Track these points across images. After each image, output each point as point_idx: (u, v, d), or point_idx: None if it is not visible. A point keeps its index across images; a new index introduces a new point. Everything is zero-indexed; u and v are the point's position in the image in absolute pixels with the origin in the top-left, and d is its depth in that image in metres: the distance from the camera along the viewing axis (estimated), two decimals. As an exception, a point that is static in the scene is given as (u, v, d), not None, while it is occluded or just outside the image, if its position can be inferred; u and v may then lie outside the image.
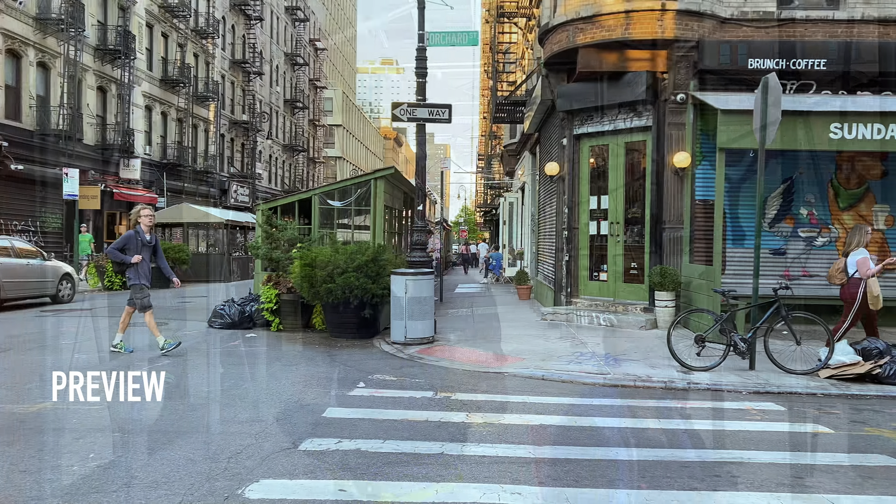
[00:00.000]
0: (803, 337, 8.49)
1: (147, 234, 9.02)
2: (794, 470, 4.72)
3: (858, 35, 11.35)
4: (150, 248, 9.11)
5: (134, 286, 8.94)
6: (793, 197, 11.63)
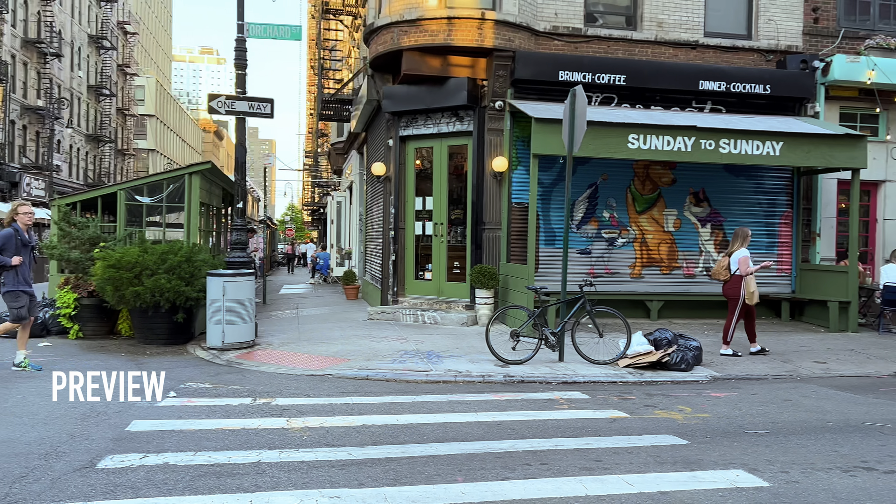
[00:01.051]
0: (606, 329, 9.23)
1: (26, 232, 7.93)
2: (596, 454, 5.09)
3: (653, 55, 12.56)
4: (30, 248, 7.99)
5: (7, 294, 7.80)
6: (597, 201, 12.62)
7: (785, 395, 7.36)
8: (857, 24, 13.18)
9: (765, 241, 13.09)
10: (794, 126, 11.70)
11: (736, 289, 9.53)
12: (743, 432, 5.79)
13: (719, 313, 12.79)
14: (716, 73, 12.38)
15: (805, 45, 12.99)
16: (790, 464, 4.90)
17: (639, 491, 4.29)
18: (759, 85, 12.44)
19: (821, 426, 6.06)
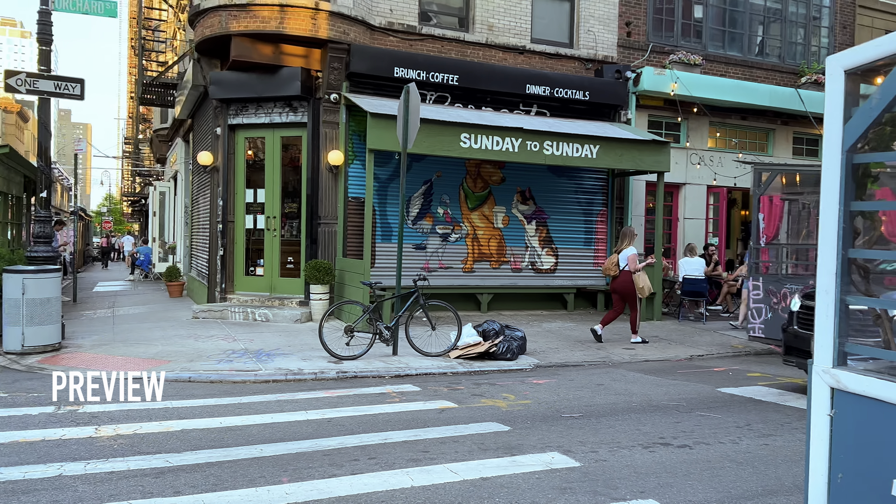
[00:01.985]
0: (439, 322, 9.46)
1: None
2: (424, 445, 5.20)
3: (485, 57, 13.02)
4: None
5: None
6: (432, 197, 12.87)
7: (598, 380, 7.95)
8: (664, 40, 14.51)
9: (583, 237, 14.06)
10: (610, 131, 12.66)
11: (628, 283, 10.33)
12: (560, 416, 6.18)
13: (543, 305, 13.58)
14: (541, 78, 13.08)
15: (619, 57, 14.09)
16: (600, 444, 5.30)
17: (462, 478, 4.43)
18: (579, 91, 13.31)
19: (627, 407, 6.62)
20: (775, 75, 15.38)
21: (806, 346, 7.21)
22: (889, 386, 3.06)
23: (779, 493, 4.32)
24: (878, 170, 3.57)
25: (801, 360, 7.44)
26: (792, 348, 7.74)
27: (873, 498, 2.99)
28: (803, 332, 7.44)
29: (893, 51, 3.18)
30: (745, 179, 14.04)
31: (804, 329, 7.45)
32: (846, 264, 3.39)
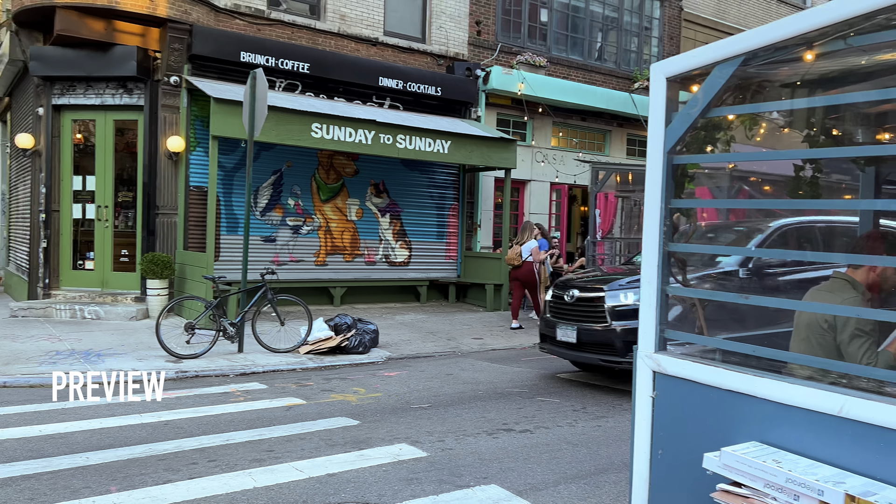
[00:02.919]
0: (289, 317, 9.22)
1: None
2: (268, 444, 5.04)
3: (337, 47, 12.81)
4: None
5: None
6: (282, 188, 12.50)
7: (448, 370, 8.11)
8: (512, 41, 15.03)
9: (436, 230, 14.28)
10: (461, 127, 12.94)
11: (530, 273, 11.05)
12: (409, 408, 6.23)
13: (397, 297, 13.65)
14: (394, 71, 13.09)
15: (470, 55, 14.42)
16: (447, 433, 5.41)
17: (308, 476, 4.35)
18: (431, 87, 13.47)
19: (474, 396, 6.81)
20: (612, 80, 16.43)
21: (552, 332, 7.57)
22: (701, 368, 3.36)
23: (609, 470, 4.63)
24: (695, 170, 3.91)
25: (550, 346, 7.70)
26: (545, 336, 7.89)
27: (687, 471, 3.27)
28: (552, 320, 7.67)
29: (707, 61, 3.48)
30: (584, 177, 14.90)
31: (554, 317, 7.67)
32: (667, 257, 3.68)
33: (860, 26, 2.87)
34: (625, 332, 6.87)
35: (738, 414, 3.18)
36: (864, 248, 3.69)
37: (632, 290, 7.04)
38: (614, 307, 7.07)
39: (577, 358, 7.54)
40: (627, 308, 6.97)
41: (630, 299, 7.00)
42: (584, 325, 7.24)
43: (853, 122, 4.88)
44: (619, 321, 7.01)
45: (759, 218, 7.42)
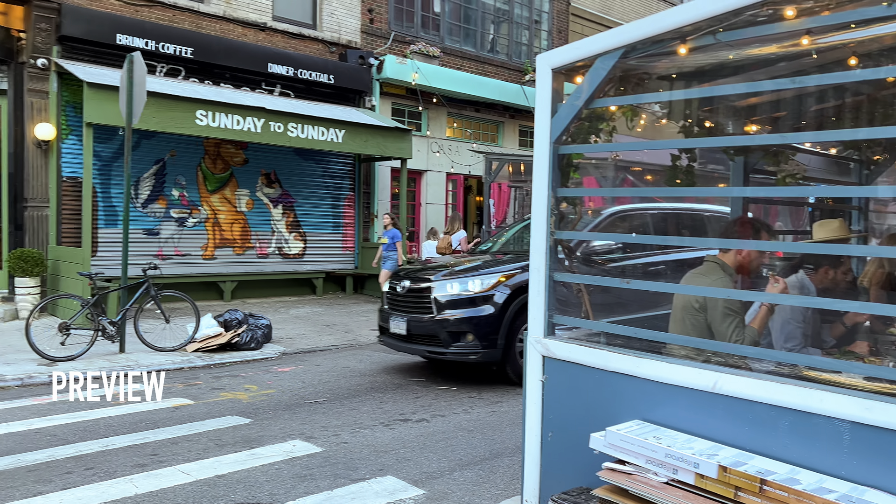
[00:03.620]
0: (176, 314, 8.80)
1: None
2: (152, 448, 4.78)
3: (222, 31, 12.29)
4: None
5: None
6: (165, 178, 11.89)
7: (345, 363, 8.00)
8: (405, 30, 14.97)
9: (331, 221, 14.05)
10: (355, 116, 12.76)
11: None
12: (304, 403, 6.10)
13: (292, 291, 13.34)
14: (284, 57, 12.73)
15: (363, 43, 14.24)
16: (342, 426, 5.33)
17: (195, 479, 4.16)
18: (324, 74, 13.20)
19: (372, 388, 6.75)
20: (504, 72, 16.71)
21: (387, 324, 7.44)
22: (587, 351, 3.47)
23: (503, 455, 4.71)
24: (580, 160, 4.01)
25: (386, 339, 7.54)
26: (382, 328, 7.68)
27: (575, 451, 3.37)
28: (387, 312, 7.53)
29: (590, 53, 3.57)
30: (479, 167, 15.10)
31: (389, 308, 7.52)
32: (554, 244, 3.77)
33: (728, 22, 3.03)
34: (450, 323, 6.73)
35: (623, 394, 3.31)
36: (731, 233, 3.92)
37: (458, 280, 6.93)
38: (441, 298, 6.89)
39: (407, 350, 7.29)
40: (454, 298, 6.83)
41: (456, 289, 6.86)
42: (414, 317, 7.04)
43: (725, 114, 5.18)
44: (445, 312, 6.82)
45: (604, 205, 7.77)
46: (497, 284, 6.84)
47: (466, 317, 6.72)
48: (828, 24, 2.84)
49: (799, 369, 3.11)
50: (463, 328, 6.70)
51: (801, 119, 5.19)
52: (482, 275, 6.99)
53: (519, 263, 7.03)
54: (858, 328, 4.43)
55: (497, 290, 6.79)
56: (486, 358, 6.68)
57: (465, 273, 7.10)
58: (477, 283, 6.88)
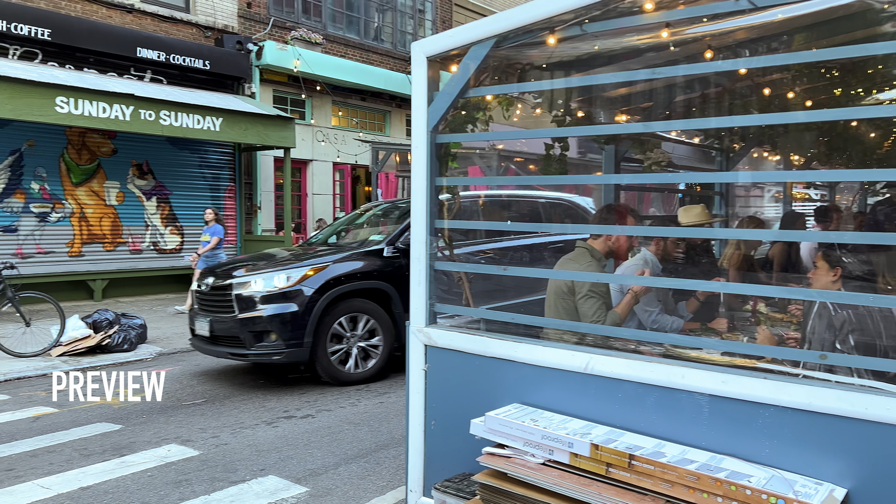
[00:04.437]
0: (38, 316, 8.16)
1: None
2: (8, 462, 4.39)
3: (85, 12, 11.44)
4: None
5: None
6: (23, 171, 10.95)
7: (226, 362, 7.68)
8: (285, 16, 14.52)
9: (211, 214, 13.45)
10: (233, 104, 12.26)
11: None
12: (181, 405, 5.81)
13: (169, 288, 12.68)
14: (155, 42, 12.03)
15: (241, 28, 13.69)
16: (222, 427, 5.12)
17: (56, 493, 3.86)
18: (199, 60, 12.59)
19: (254, 386, 6.53)
20: (390, 60, 16.61)
21: (193, 325, 6.99)
22: (467, 338, 3.49)
23: (389, 446, 4.69)
24: (458, 149, 4.02)
25: (194, 341, 7.04)
26: (192, 330, 7.12)
27: (457, 438, 3.39)
28: (194, 312, 7.05)
29: (464, 42, 3.57)
30: (366, 157, 14.95)
31: (199, 309, 6.97)
32: (434, 233, 3.76)
33: (593, 13, 3.11)
34: (252, 322, 6.24)
35: (503, 379, 3.36)
36: (601, 219, 4.06)
37: (261, 276, 6.43)
38: (243, 294, 6.36)
39: (212, 353, 6.73)
40: (257, 295, 6.31)
41: (260, 285, 6.35)
42: (217, 316, 6.55)
43: (596, 104, 5.37)
44: (247, 310, 6.31)
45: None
46: (304, 279, 6.36)
47: (269, 315, 6.20)
48: (684, 18, 2.97)
49: (665, 347, 3.27)
50: (265, 327, 6.20)
51: (667, 109, 5.47)
52: (289, 269, 6.49)
53: (333, 256, 6.73)
54: (713, 302, 4.73)
55: (304, 285, 6.32)
56: (291, 358, 6.21)
57: (271, 267, 6.61)
58: (282, 277, 6.39)
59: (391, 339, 6.74)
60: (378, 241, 7.06)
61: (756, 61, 3.94)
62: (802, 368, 2.64)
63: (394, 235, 7.03)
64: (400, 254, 6.80)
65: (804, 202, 10.88)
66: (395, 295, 6.77)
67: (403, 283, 6.61)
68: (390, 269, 6.80)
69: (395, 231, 7.13)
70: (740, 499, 2.29)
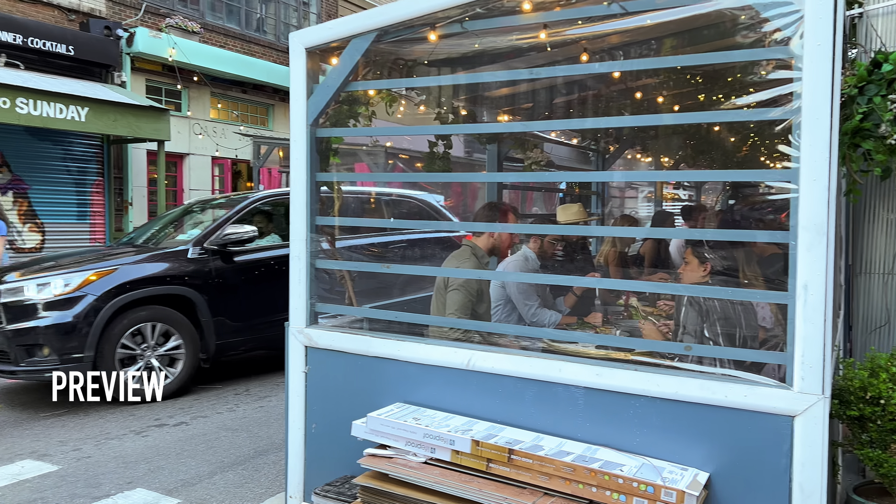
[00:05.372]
0: None
1: None
2: None
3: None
4: None
5: None
6: None
7: (92, 368, 7.18)
8: (159, 2, 13.72)
9: (76, 209, 12.52)
10: (101, 93, 11.45)
11: None
12: (37, 417, 5.35)
13: None
14: (10, 23, 11.01)
15: (109, 12, 12.81)
16: (85, 439, 4.75)
17: None
18: (62, 45, 11.67)
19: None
20: (273, 53, 16.11)
21: None
22: (350, 338, 3.42)
23: (269, 451, 4.52)
24: (339, 144, 3.93)
25: None
26: None
27: (339, 440, 3.30)
28: None
29: (344, 34, 3.49)
30: (247, 152, 14.44)
31: None
32: (315, 231, 3.66)
33: (475, 11, 3.12)
34: (22, 334, 5.45)
35: (386, 378, 3.31)
36: (482, 217, 4.10)
37: (34, 281, 5.60)
38: (11, 303, 5.56)
39: None
40: (28, 303, 5.52)
41: (32, 293, 5.54)
42: None
43: (479, 103, 5.43)
44: (15, 321, 5.50)
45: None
46: (85, 284, 5.60)
47: (42, 326, 5.44)
48: (561, 19, 3.04)
49: (544, 342, 3.34)
50: (37, 340, 5.45)
51: (547, 110, 5.62)
52: (68, 273, 5.69)
53: (129, 258, 6.01)
54: (589, 297, 4.91)
55: (86, 291, 5.57)
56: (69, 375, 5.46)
57: (49, 271, 5.78)
58: (59, 283, 5.58)
59: (195, 350, 6.04)
60: (184, 242, 6.38)
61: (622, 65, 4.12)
62: (670, 359, 2.77)
63: (202, 235, 6.34)
64: (209, 255, 6.20)
65: (673, 202, 11.55)
66: (200, 301, 6.07)
67: (213, 288, 6.20)
68: (196, 272, 6.13)
69: (206, 229, 6.45)
70: (613, 487, 2.37)
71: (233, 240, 6.33)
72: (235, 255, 6.41)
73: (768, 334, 3.69)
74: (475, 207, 10.56)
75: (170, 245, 6.44)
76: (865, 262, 4.00)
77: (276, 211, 7.30)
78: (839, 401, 2.87)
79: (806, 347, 2.31)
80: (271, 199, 7.22)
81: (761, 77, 3.15)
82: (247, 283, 6.47)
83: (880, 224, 3.94)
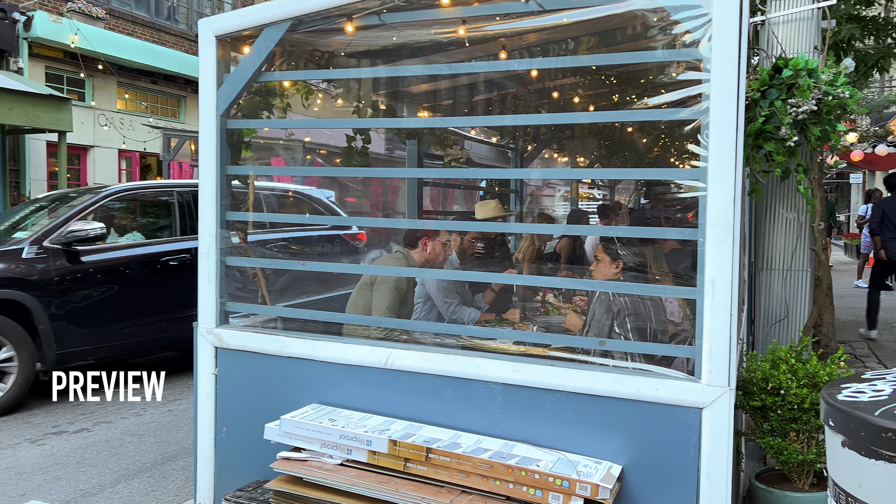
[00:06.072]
0: None
1: None
2: None
3: None
4: None
5: None
6: None
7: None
8: (60, -15, 12.97)
9: (-33, 204, 11.68)
10: (-5, 79, 10.70)
11: None
12: (-81, 428, 4.92)
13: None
14: None
15: (5, -7, 12.00)
16: (-28, 451, 4.41)
17: None
18: (-51, 25, 10.84)
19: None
20: (185, 42, 15.50)
21: None
22: (263, 338, 3.30)
23: (178, 457, 4.32)
24: (251, 137, 3.79)
25: None
26: None
27: (251, 444, 3.19)
28: None
29: (257, 23, 3.36)
30: (157, 144, 13.83)
31: None
32: (226, 226, 3.51)
33: (393, 3, 3.07)
34: None
35: (300, 379, 3.21)
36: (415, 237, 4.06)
37: None
38: None
39: None
40: None
41: None
42: None
43: (398, 98, 5.37)
44: None
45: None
46: None
47: None
48: (479, 15, 3.02)
49: (463, 339, 3.33)
50: None
51: (466, 108, 5.63)
52: None
53: None
54: (507, 294, 4.95)
55: None
56: None
57: None
58: None
59: (31, 360, 5.37)
60: (20, 240, 5.65)
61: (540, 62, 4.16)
62: (583, 354, 2.80)
63: (42, 232, 5.65)
64: (49, 255, 5.57)
65: (589, 201, 11.84)
66: (36, 306, 5.38)
67: (54, 292, 5.55)
68: (33, 274, 5.45)
69: (46, 226, 5.75)
70: (530, 483, 2.37)
71: (78, 237, 5.66)
72: (83, 255, 5.77)
73: (677, 328, 3.82)
74: (395, 204, 10.53)
75: (2, 244, 5.68)
76: (767, 259, 4.20)
77: (141, 205, 6.78)
78: (743, 392, 2.98)
79: (713, 341, 2.38)
80: (133, 191, 6.69)
81: (672, 78, 3.24)
82: (100, 284, 5.84)
83: (780, 222, 4.14)
